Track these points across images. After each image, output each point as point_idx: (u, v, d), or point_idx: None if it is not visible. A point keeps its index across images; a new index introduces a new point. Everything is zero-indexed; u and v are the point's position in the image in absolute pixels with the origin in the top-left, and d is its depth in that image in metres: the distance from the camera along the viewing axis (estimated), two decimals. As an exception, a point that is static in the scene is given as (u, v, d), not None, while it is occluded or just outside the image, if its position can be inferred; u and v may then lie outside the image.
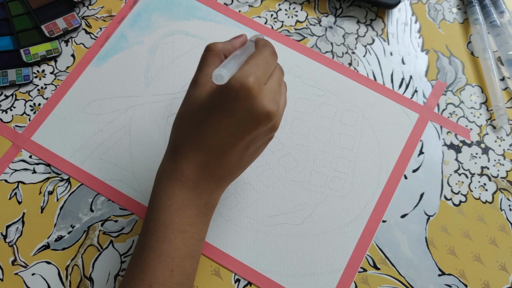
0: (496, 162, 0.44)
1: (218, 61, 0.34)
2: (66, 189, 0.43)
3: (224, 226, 0.42)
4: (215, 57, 0.34)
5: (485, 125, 0.46)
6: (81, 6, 0.49)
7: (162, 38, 0.48)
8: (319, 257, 0.41)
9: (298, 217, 0.42)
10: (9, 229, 0.41)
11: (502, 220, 0.43)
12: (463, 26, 0.50)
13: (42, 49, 0.47)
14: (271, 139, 0.36)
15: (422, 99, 0.46)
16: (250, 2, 0.50)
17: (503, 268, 0.41)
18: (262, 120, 0.31)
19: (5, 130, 0.45)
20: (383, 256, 0.41)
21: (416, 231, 0.42)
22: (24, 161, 0.44)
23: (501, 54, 0.48)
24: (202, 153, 0.32)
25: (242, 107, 0.30)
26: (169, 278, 0.32)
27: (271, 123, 0.32)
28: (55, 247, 0.41)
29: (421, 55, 0.48)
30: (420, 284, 0.40)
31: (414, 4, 0.50)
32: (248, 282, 0.40)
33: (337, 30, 0.49)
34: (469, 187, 0.44)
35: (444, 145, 0.45)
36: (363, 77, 0.47)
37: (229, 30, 0.48)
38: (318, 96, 0.46)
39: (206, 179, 0.33)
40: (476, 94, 0.47)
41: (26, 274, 0.40)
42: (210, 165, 0.33)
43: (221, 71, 0.29)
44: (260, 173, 0.43)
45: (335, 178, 0.43)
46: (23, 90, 0.46)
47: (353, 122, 0.45)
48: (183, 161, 0.33)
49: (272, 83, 0.32)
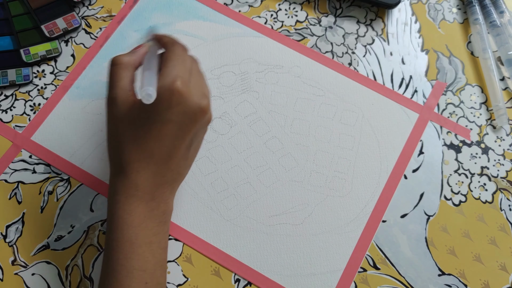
0: (496, 162, 0.44)
1: (129, 73, 0.34)
2: (66, 189, 0.43)
3: (224, 226, 0.42)
4: (125, 70, 0.34)
5: (485, 125, 0.46)
6: (81, 6, 0.49)
7: (162, 38, 0.48)
8: (319, 257, 0.41)
9: (298, 217, 0.42)
10: (9, 229, 0.41)
11: (502, 220, 0.43)
12: (463, 26, 0.50)
13: (42, 49, 0.47)
14: (206, 130, 0.37)
15: (422, 99, 0.46)
16: (250, 2, 0.50)
17: (503, 268, 0.41)
18: (199, 117, 0.32)
19: (5, 130, 0.45)
20: (383, 256, 0.41)
21: (416, 231, 0.42)
22: (24, 161, 0.44)
23: (501, 54, 0.48)
24: (151, 164, 0.33)
25: (177, 112, 0.31)
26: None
27: (206, 116, 0.33)
28: (55, 247, 0.41)
29: (421, 55, 0.48)
30: (420, 284, 0.40)
31: (414, 4, 0.50)
32: (248, 282, 0.40)
33: (337, 30, 0.49)
34: (469, 187, 0.44)
35: (444, 145, 0.45)
36: (363, 77, 0.47)
37: (229, 30, 0.48)
38: (318, 96, 0.46)
39: (160, 187, 0.34)
40: (476, 94, 0.47)
41: (26, 274, 0.40)
42: (161, 172, 0.33)
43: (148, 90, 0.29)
44: (260, 173, 0.43)
45: (335, 178, 0.43)
46: (23, 90, 0.46)
47: (353, 122, 0.45)
48: (136, 176, 0.33)
49: (195, 78, 0.33)
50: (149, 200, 0.34)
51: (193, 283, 0.40)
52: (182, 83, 0.31)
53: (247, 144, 0.44)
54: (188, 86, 0.31)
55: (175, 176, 0.35)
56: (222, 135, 0.44)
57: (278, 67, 0.47)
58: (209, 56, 0.47)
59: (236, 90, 0.46)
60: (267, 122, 0.45)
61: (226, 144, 0.44)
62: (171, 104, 0.31)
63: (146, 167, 0.33)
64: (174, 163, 0.34)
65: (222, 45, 0.48)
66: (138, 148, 0.32)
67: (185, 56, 0.34)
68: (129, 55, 0.35)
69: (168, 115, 0.31)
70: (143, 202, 0.33)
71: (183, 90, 0.31)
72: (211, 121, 0.35)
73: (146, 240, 0.33)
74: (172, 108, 0.31)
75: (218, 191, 0.43)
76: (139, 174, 0.33)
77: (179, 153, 0.33)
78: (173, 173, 0.34)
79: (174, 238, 0.41)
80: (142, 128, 0.32)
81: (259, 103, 0.46)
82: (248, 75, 0.47)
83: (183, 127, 0.32)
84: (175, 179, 0.35)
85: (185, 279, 0.40)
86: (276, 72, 0.47)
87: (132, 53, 0.35)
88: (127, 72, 0.34)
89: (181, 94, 0.31)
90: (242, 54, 0.47)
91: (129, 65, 0.34)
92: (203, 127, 0.35)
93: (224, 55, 0.47)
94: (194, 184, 0.43)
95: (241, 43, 0.48)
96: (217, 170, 0.43)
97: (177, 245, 0.41)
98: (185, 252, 0.41)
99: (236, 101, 0.46)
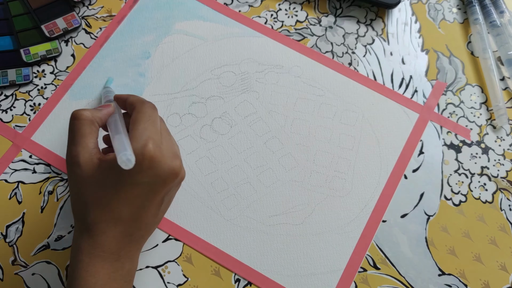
0: (496, 162, 0.44)
1: (93, 130, 0.32)
2: (66, 189, 0.43)
3: (224, 226, 0.42)
4: (89, 125, 0.32)
5: (485, 125, 0.46)
6: (81, 6, 0.49)
7: (162, 37, 0.48)
8: (319, 257, 0.41)
9: (298, 217, 0.42)
10: (9, 229, 0.41)
11: (502, 220, 0.43)
12: (463, 26, 0.50)
13: (42, 49, 0.47)
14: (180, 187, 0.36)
15: (422, 99, 0.46)
16: (250, 2, 0.50)
17: (503, 268, 0.41)
18: (171, 179, 0.31)
19: (5, 130, 0.45)
20: (383, 256, 0.41)
21: (416, 231, 0.42)
22: (24, 161, 0.44)
23: (501, 54, 0.48)
24: (119, 225, 0.31)
25: (148, 175, 0.30)
26: None
27: (178, 177, 0.32)
28: (55, 247, 0.41)
29: (421, 55, 0.48)
30: (420, 284, 0.40)
31: (414, 4, 0.50)
32: (248, 282, 0.40)
33: (337, 30, 0.49)
34: (469, 187, 0.44)
35: (444, 145, 0.45)
36: (363, 77, 0.47)
37: (229, 30, 0.48)
38: (318, 96, 0.46)
39: (127, 247, 0.33)
40: (476, 94, 0.47)
41: (26, 274, 0.40)
42: (128, 232, 0.32)
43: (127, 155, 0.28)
44: (260, 173, 0.43)
45: (335, 178, 0.43)
46: (23, 90, 0.46)
47: (353, 122, 0.45)
48: (102, 237, 0.31)
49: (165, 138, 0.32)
50: (114, 260, 0.32)
51: (193, 283, 0.40)
52: (154, 146, 0.29)
53: (247, 144, 0.44)
54: (160, 149, 0.30)
55: (143, 233, 0.34)
56: (222, 135, 0.44)
57: (278, 67, 0.47)
58: (209, 56, 0.47)
59: (236, 90, 0.46)
60: (267, 122, 0.45)
61: (226, 144, 0.44)
62: (142, 167, 0.29)
63: (113, 228, 0.31)
64: (143, 222, 0.33)
65: (222, 45, 0.48)
66: (105, 210, 0.31)
67: (155, 116, 0.32)
68: (93, 111, 0.32)
69: (139, 178, 0.30)
70: (108, 262, 0.32)
71: (155, 154, 0.29)
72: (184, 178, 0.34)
73: None
74: (144, 172, 0.29)
75: (218, 191, 0.43)
76: (105, 235, 0.31)
77: (149, 213, 0.32)
78: (141, 232, 0.33)
79: (174, 238, 0.41)
80: (110, 190, 0.30)
81: (259, 103, 0.46)
82: (248, 75, 0.47)
83: (154, 189, 0.31)
84: (143, 236, 0.34)
85: (185, 279, 0.40)
86: (276, 72, 0.47)
87: (96, 110, 0.33)
88: (91, 128, 0.32)
89: (153, 158, 0.29)
90: (242, 54, 0.47)
91: (94, 121, 0.32)
92: (176, 186, 0.34)
93: (224, 55, 0.47)
94: (194, 184, 0.43)
95: (241, 43, 0.48)
96: (217, 170, 0.43)
97: (177, 245, 0.41)
98: (185, 252, 0.41)
99: (236, 101, 0.46)
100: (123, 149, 0.28)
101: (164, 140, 0.32)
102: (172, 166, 0.31)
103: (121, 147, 0.29)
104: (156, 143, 0.30)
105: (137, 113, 0.32)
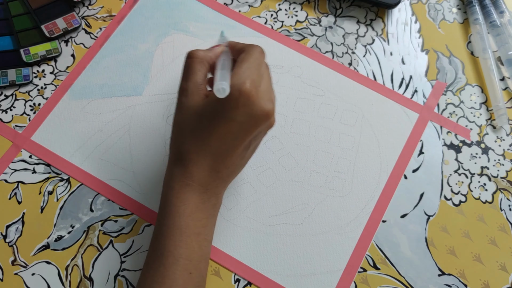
0: (496, 162, 0.44)
1: (204, 68, 0.35)
2: (66, 189, 0.43)
3: (224, 226, 0.42)
4: (200, 64, 0.34)
5: (485, 125, 0.46)
6: (81, 6, 0.49)
7: (162, 37, 0.48)
8: (319, 257, 0.41)
9: (298, 217, 0.42)
10: (9, 229, 0.41)
11: (502, 220, 0.43)
12: (463, 26, 0.50)
13: (42, 49, 0.47)
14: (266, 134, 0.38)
15: (422, 99, 0.46)
16: (250, 2, 0.50)
17: (503, 268, 0.41)
18: (262, 121, 0.32)
19: (5, 130, 0.45)
20: (383, 256, 0.41)
21: (416, 231, 0.42)
22: (24, 161, 0.44)
23: (501, 54, 0.48)
24: (208, 158, 0.34)
25: (242, 112, 0.31)
26: (188, 280, 0.33)
27: (269, 121, 0.33)
28: (55, 247, 0.41)
29: (421, 55, 0.48)
30: (420, 284, 0.40)
31: (414, 4, 0.50)
32: (248, 282, 0.40)
33: (337, 30, 0.49)
34: (469, 187, 0.44)
35: (444, 145, 0.45)
36: (363, 77, 0.47)
37: (229, 30, 0.48)
38: (318, 96, 0.46)
39: (214, 182, 0.35)
40: (476, 94, 0.47)
41: (26, 274, 0.40)
42: (216, 168, 0.34)
43: (223, 85, 0.30)
44: (260, 173, 0.43)
45: (335, 178, 0.43)
46: (23, 90, 0.46)
47: (353, 122, 0.45)
48: (193, 167, 0.34)
49: (265, 82, 0.33)
50: (202, 192, 0.34)
51: (193, 283, 0.40)
52: (251, 85, 0.31)
53: (247, 144, 0.44)
54: (257, 90, 0.32)
55: (230, 173, 0.36)
56: (222, 135, 0.44)
57: (278, 67, 0.47)
58: (209, 56, 0.47)
59: (236, 90, 0.46)
60: (267, 122, 0.45)
61: (226, 144, 0.44)
62: (237, 103, 0.31)
63: (204, 160, 0.33)
64: (231, 161, 0.34)
65: (222, 45, 0.48)
66: (199, 140, 0.33)
67: (261, 60, 0.34)
68: (205, 51, 0.35)
69: (233, 114, 0.31)
70: (197, 193, 0.34)
71: (251, 93, 0.31)
72: (273, 126, 0.35)
73: (195, 231, 0.34)
74: (238, 108, 0.31)
75: (218, 191, 0.43)
76: (196, 166, 0.34)
77: (237, 152, 0.34)
78: (228, 170, 0.35)
79: (174, 238, 0.41)
80: (205, 122, 0.33)
81: (259, 103, 0.46)
82: (248, 75, 0.47)
83: (245, 128, 0.32)
84: (229, 176, 0.36)
85: (185, 279, 0.40)
86: (276, 72, 0.47)
87: (208, 50, 0.36)
88: (202, 66, 0.34)
89: (249, 96, 0.31)
90: (242, 54, 0.47)
91: (205, 60, 0.35)
92: (264, 131, 0.35)
93: (224, 55, 0.47)
94: (194, 184, 0.43)
95: (241, 43, 0.48)
96: (217, 170, 0.43)
97: (177, 245, 0.41)
98: (185, 252, 0.41)
99: (236, 101, 0.46)
100: (220, 80, 0.30)
101: (264, 84, 0.33)
102: (266, 109, 0.32)
103: (220, 78, 0.31)
104: (255, 83, 0.31)
105: (245, 54, 0.34)
